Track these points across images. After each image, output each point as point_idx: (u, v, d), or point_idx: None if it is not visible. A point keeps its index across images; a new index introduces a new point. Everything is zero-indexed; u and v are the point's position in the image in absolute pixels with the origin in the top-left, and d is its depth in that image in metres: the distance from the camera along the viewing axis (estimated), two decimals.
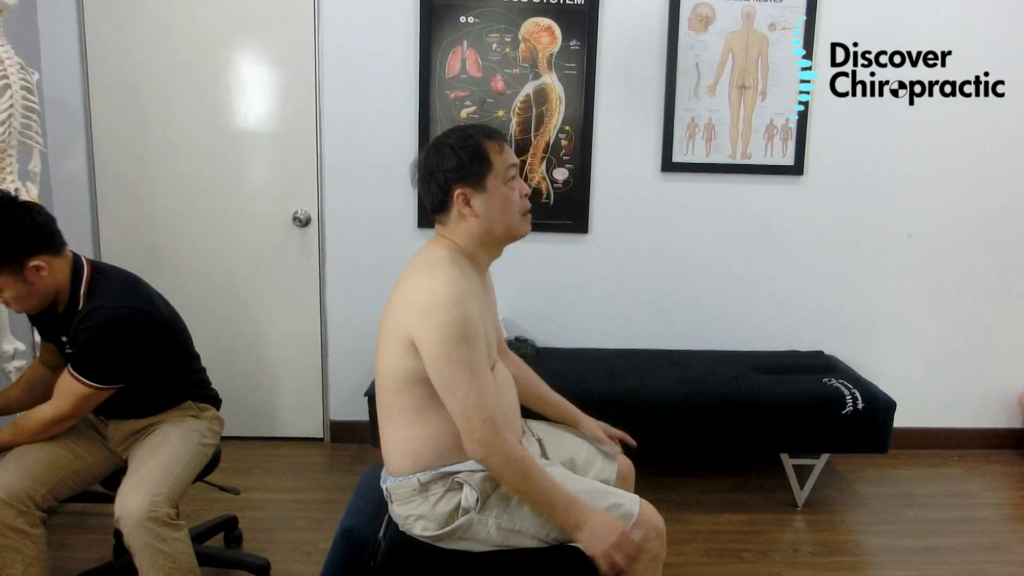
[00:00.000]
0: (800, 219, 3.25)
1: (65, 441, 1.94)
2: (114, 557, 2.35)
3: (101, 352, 1.83)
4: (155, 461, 1.89)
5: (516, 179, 1.63)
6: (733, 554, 2.53)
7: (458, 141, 1.59)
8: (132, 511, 1.76)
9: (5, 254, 1.75)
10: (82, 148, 3.13)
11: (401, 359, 1.53)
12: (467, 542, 1.58)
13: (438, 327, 1.46)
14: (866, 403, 2.72)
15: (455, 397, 1.49)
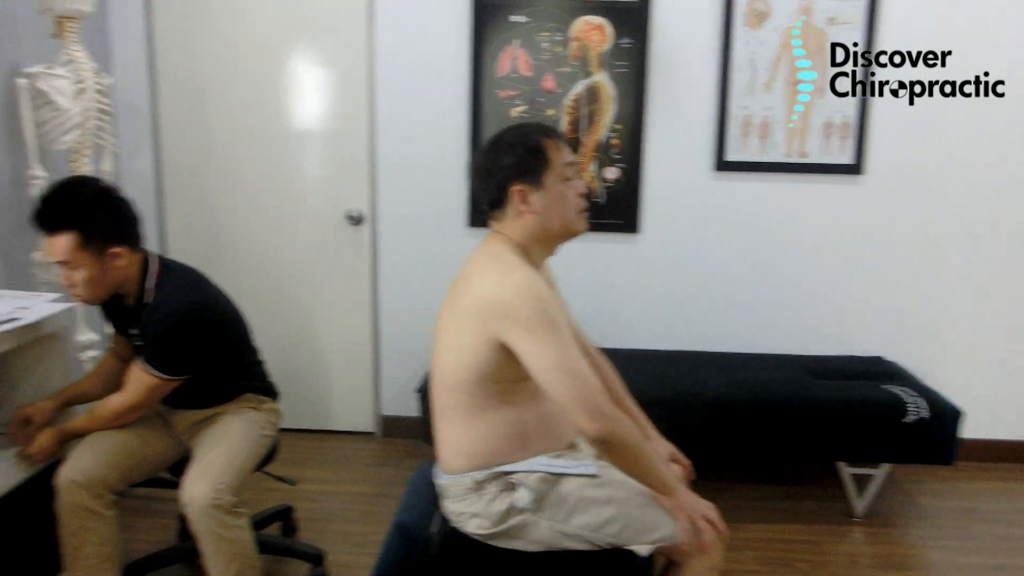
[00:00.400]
0: (859, 219, 3.16)
1: (135, 429, 2.02)
2: (179, 541, 2.42)
3: (168, 345, 1.90)
4: (218, 451, 1.95)
5: (573, 177, 1.63)
6: (787, 564, 2.48)
7: (516, 138, 1.60)
8: (197, 499, 1.82)
9: (97, 232, 1.84)
10: (149, 148, 3.25)
11: (468, 358, 1.53)
12: (520, 541, 1.58)
13: (528, 319, 1.47)
14: (930, 412, 2.63)
15: (567, 380, 1.47)
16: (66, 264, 1.84)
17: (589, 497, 1.58)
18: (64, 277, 1.86)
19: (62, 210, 1.81)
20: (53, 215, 1.81)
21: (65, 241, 1.81)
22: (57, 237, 1.81)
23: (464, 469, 1.60)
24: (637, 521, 1.56)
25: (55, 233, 1.81)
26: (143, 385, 1.92)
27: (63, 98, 2.44)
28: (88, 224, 1.83)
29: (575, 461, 1.64)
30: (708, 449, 2.71)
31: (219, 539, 1.85)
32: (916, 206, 3.14)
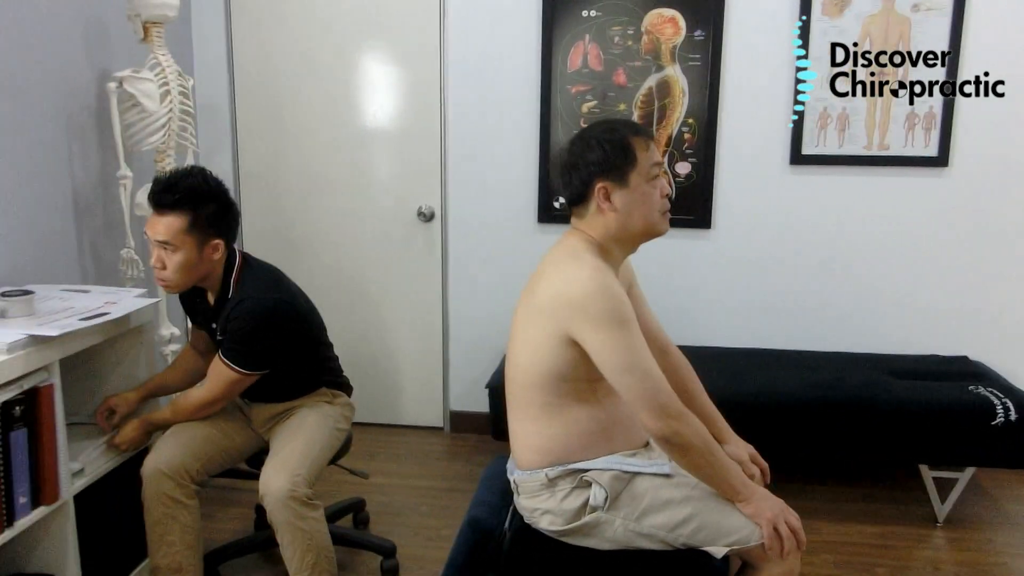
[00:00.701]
0: (944, 214, 3.03)
1: (216, 422, 2.09)
2: (256, 530, 2.50)
3: (248, 340, 1.96)
4: (295, 444, 2.00)
5: (659, 178, 1.61)
6: (866, 568, 2.40)
7: (604, 134, 1.58)
8: (275, 490, 1.88)
9: (206, 220, 1.93)
10: (228, 148, 3.35)
11: (543, 355, 1.54)
12: (592, 539, 1.57)
13: (598, 316, 1.47)
14: (1019, 413, 2.50)
15: (634, 378, 1.47)
16: (166, 245, 1.91)
17: (664, 497, 1.56)
18: (157, 258, 1.93)
19: (180, 192, 1.90)
20: (171, 194, 1.90)
21: (175, 221, 1.89)
22: (168, 216, 1.90)
23: (538, 465, 1.60)
24: (713, 523, 1.54)
25: (167, 212, 1.90)
26: (224, 379, 1.99)
27: (149, 100, 2.54)
28: (201, 210, 1.92)
29: (649, 460, 1.62)
30: (786, 449, 2.65)
31: (295, 529, 1.90)
32: (1003, 199, 2.99)
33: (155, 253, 1.94)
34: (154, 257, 1.94)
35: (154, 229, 1.91)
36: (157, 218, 1.91)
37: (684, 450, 1.50)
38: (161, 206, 1.90)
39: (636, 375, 1.48)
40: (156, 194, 1.91)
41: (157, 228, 1.91)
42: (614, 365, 1.48)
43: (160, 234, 1.90)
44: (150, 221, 1.93)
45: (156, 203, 1.91)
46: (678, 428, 1.48)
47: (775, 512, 1.52)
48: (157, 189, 1.92)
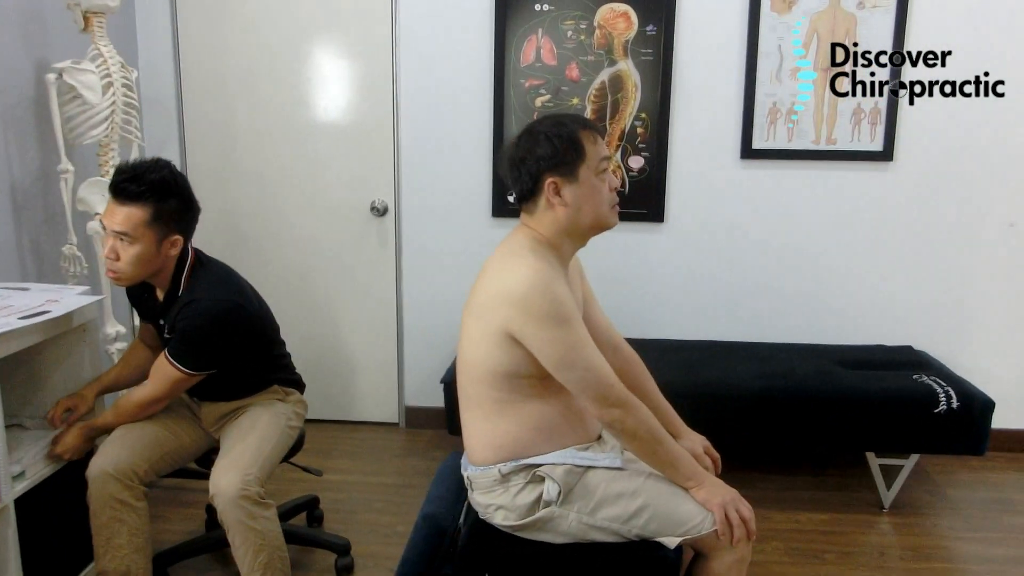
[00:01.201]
0: (889, 207, 3.11)
1: (164, 421, 2.04)
2: (206, 531, 2.45)
3: (196, 341, 1.91)
4: (246, 442, 1.96)
5: (607, 171, 1.61)
6: (815, 555, 2.46)
7: (552, 128, 1.57)
8: (225, 489, 1.84)
9: (168, 215, 1.88)
10: (175, 142, 3.27)
11: (491, 352, 1.54)
12: (547, 533, 1.58)
13: (537, 315, 1.47)
14: (961, 402, 2.58)
15: (576, 373, 1.50)
16: (124, 236, 1.85)
17: (616, 489, 1.57)
18: (111, 249, 1.87)
19: (146, 184, 1.84)
20: (136, 185, 1.84)
21: (136, 213, 1.84)
22: (129, 207, 1.84)
23: (491, 461, 1.61)
24: (665, 513, 1.56)
25: (129, 203, 1.84)
26: (168, 378, 1.94)
27: (91, 92, 2.46)
28: (164, 204, 1.87)
29: (602, 454, 1.63)
30: (736, 440, 2.69)
31: (247, 529, 1.87)
32: (947, 193, 3.08)
33: (110, 243, 1.88)
34: (108, 247, 1.88)
35: (112, 218, 1.85)
36: (118, 207, 1.85)
37: (631, 436, 1.53)
38: (124, 196, 1.84)
39: (578, 370, 1.50)
40: (120, 183, 1.84)
41: (116, 218, 1.84)
42: (556, 362, 1.49)
43: (119, 224, 1.84)
44: (109, 209, 1.87)
45: (119, 192, 1.85)
46: (621, 415, 1.51)
47: (726, 499, 1.55)
48: (121, 178, 1.85)
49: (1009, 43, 2.94)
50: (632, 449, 1.58)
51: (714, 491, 1.56)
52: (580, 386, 1.51)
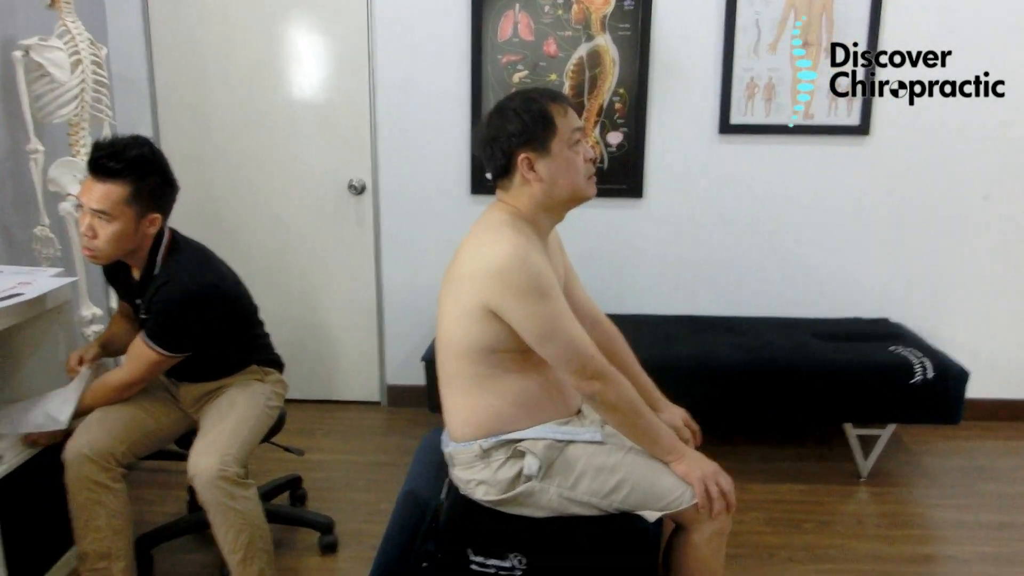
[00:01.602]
0: (866, 181, 3.13)
1: (142, 403, 2.03)
2: (188, 512, 2.45)
3: (172, 323, 1.90)
4: (224, 423, 1.95)
5: (581, 143, 1.61)
6: (794, 524, 2.50)
7: (522, 105, 1.57)
8: (204, 471, 1.83)
9: (147, 193, 1.86)
10: (148, 121, 3.22)
11: (469, 328, 1.53)
12: (528, 508, 1.59)
13: (517, 288, 1.47)
14: (936, 372, 2.62)
15: (556, 345, 1.50)
16: (102, 215, 1.83)
17: (597, 464, 1.58)
18: (89, 227, 1.85)
19: (126, 161, 1.82)
20: (116, 162, 1.82)
21: (115, 190, 1.82)
22: (108, 184, 1.82)
23: (471, 437, 1.61)
24: (646, 487, 1.57)
25: (108, 180, 1.82)
26: (144, 360, 1.92)
27: (59, 70, 2.41)
28: (144, 182, 1.85)
29: (582, 428, 1.64)
30: (716, 413, 2.72)
31: (227, 510, 1.86)
32: (923, 166, 3.11)
33: (87, 221, 1.85)
34: (85, 225, 1.85)
35: (90, 196, 1.82)
36: (96, 184, 1.82)
37: (611, 408, 1.55)
38: (102, 173, 1.82)
39: (559, 343, 1.50)
40: (98, 160, 1.82)
41: (94, 195, 1.82)
42: (536, 335, 1.50)
43: (96, 202, 1.82)
44: (87, 186, 1.84)
45: (97, 169, 1.82)
46: (601, 388, 1.52)
47: (706, 472, 1.56)
48: (100, 155, 1.82)
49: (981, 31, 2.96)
50: (612, 422, 1.59)
51: (694, 465, 1.58)
52: (561, 359, 1.52)
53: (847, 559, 2.31)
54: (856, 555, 2.33)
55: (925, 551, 2.37)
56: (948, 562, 2.32)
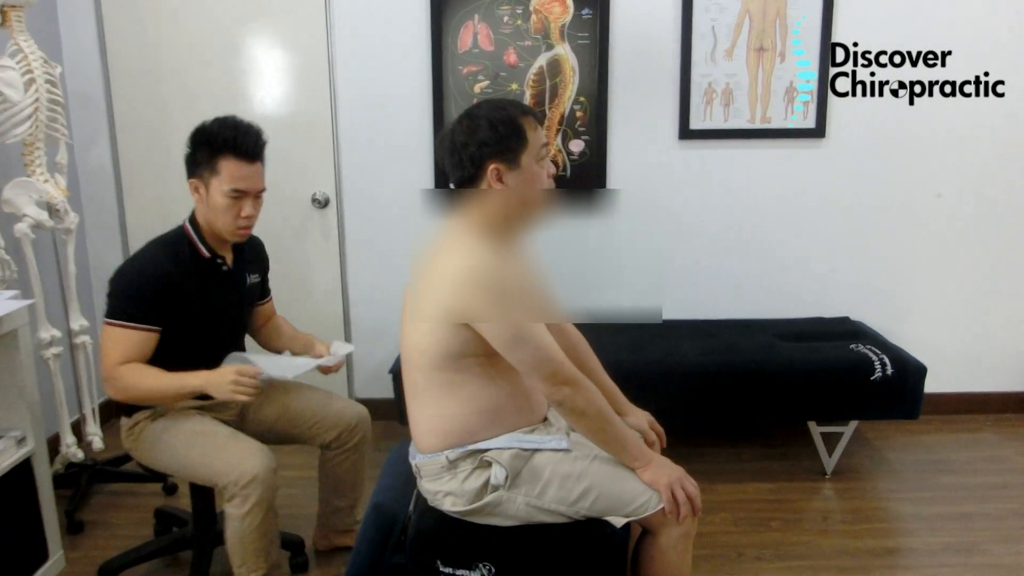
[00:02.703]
0: (823, 183, 3.20)
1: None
2: (155, 536, 2.41)
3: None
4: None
5: (546, 159, 1.62)
6: (762, 523, 2.53)
7: (492, 113, 1.56)
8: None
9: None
10: (105, 138, 3.18)
11: (435, 336, 1.54)
12: (496, 518, 1.60)
13: (484, 295, 1.48)
14: (895, 369, 2.68)
15: (524, 351, 1.51)
16: (261, 194, 1.95)
17: (563, 471, 1.59)
18: (246, 210, 1.93)
19: (261, 138, 1.93)
20: (260, 141, 1.91)
21: (261, 167, 1.94)
22: (258, 163, 1.92)
23: (437, 448, 1.61)
24: (613, 494, 1.58)
25: (258, 160, 1.91)
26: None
27: (12, 90, 2.37)
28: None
29: (548, 436, 1.65)
30: (683, 415, 2.75)
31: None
32: (876, 168, 3.18)
33: (248, 205, 1.92)
34: (246, 210, 1.92)
35: (254, 180, 1.92)
36: (250, 167, 1.90)
37: (580, 415, 1.56)
38: (253, 155, 1.89)
39: (528, 348, 1.50)
40: (246, 143, 1.88)
41: (256, 177, 1.92)
42: (504, 340, 1.50)
43: (261, 181, 1.93)
44: (245, 173, 1.90)
45: (248, 152, 1.89)
46: (570, 393, 1.53)
47: (672, 478, 1.58)
48: (249, 138, 1.89)
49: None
50: (580, 428, 1.60)
51: (660, 471, 1.59)
52: (529, 365, 1.52)
53: (814, 555, 2.35)
54: (822, 551, 2.37)
55: (888, 544, 2.42)
56: (910, 554, 2.37)
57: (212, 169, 1.90)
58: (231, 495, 1.86)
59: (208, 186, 1.91)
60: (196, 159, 1.93)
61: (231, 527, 1.89)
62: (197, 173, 1.93)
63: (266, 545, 1.93)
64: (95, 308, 3.29)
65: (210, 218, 1.94)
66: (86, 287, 3.23)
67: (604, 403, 1.59)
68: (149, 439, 1.98)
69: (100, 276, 3.29)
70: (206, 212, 1.95)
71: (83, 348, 2.71)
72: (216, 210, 1.92)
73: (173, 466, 1.97)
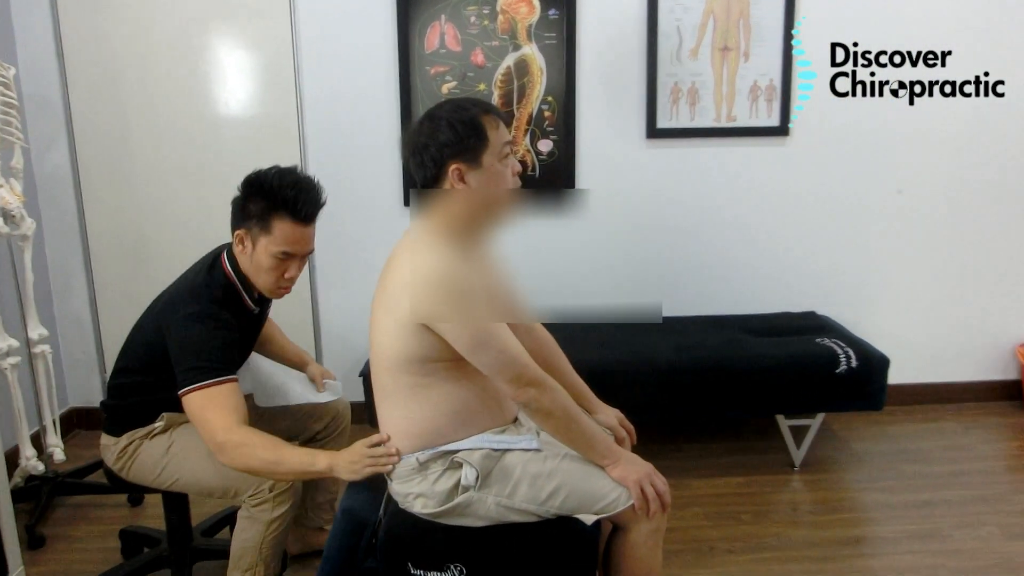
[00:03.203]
0: (788, 180, 3.24)
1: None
2: (124, 558, 2.37)
3: None
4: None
5: (510, 156, 1.61)
6: (732, 516, 2.56)
7: (454, 114, 1.55)
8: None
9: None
10: (63, 142, 3.11)
11: (401, 340, 1.53)
12: (467, 518, 1.59)
13: (445, 298, 1.47)
14: (859, 361, 2.73)
15: (488, 354, 1.50)
16: (309, 255, 1.88)
17: (533, 471, 1.59)
18: (291, 272, 1.87)
19: (321, 198, 1.84)
20: (321, 202, 1.83)
21: (313, 227, 1.85)
22: (312, 228, 1.84)
23: (408, 450, 1.61)
24: (583, 492, 1.59)
25: (313, 223, 1.83)
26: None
27: None
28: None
29: (518, 436, 1.65)
30: (653, 412, 2.77)
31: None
32: (841, 165, 3.23)
33: (292, 268, 1.87)
34: (291, 272, 1.87)
35: (307, 244, 1.84)
36: (306, 230, 1.83)
37: (546, 416, 1.56)
38: (311, 218, 1.82)
39: (491, 351, 1.50)
40: (307, 206, 1.79)
41: (309, 241, 1.85)
42: (468, 344, 1.50)
43: (311, 245, 1.86)
44: (299, 237, 1.81)
45: (308, 216, 1.80)
46: (535, 395, 1.53)
47: (641, 474, 1.59)
48: (311, 200, 1.80)
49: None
50: (547, 428, 1.60)
51: (629, 468, 1.60)
52: (494, 368, 1.52)
53: (784, 547, 2.38)
54: (792, 542, 2.40)
55: (855, 533, 2.46)
56: (877, 543, 2.41)
57: (264, 227, 1.80)
58: (260, 500, 1.82)
59: (256, 242, 1.82)
60: (247, 210, 1.82)
61: (251, 531, 1.84)
62: (246, 225, 1.83)
63: (279, 553, 1.90)
64: (55, 316, 3.23)
65: (250, 272, 1.87)
66: (45, 295, 3.17)
67: (570, 403, 1.59)
68: (150, 458, 1.90)
69: (59, 283, 3.23)
70: (247, 265, 1.87)
71: (43, 358, 2.65)
72: (259, 268, 1.84)
73: (183, 482, 1.89)
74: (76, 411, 3.32)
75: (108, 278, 3.22)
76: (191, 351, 1.74)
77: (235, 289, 1.89)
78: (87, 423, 3.30)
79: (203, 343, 1.75)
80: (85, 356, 3.30)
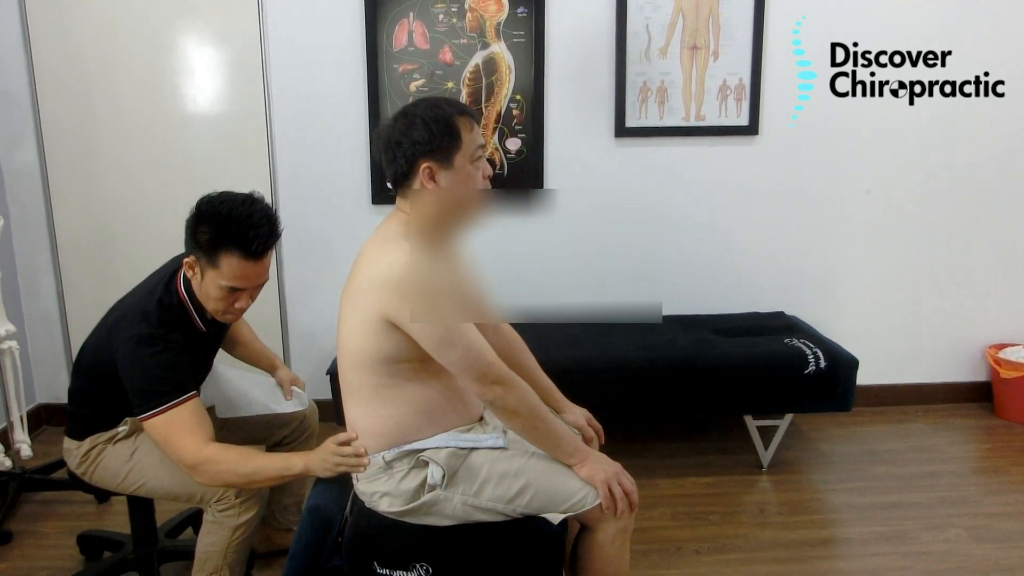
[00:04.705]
0: (757, 179, 3.26)
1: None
2: (86, 560, 2.32)
3: None
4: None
5: (482, 159, 1.60)
6: (700, 517, 2.56)
7: (428, 112, 1.54)
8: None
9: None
10: (31, 139, 3.06)
11: (368, 338, 1.51)
12: (432, 517, 1.58)
13: (412, 297, 1.45)
14: (828, 362, 2.74)
15: (455, 353, 1.48)
16: (263, 285, 1.80)
17: (500, 470, 1.58)
18: (241, 303, 1.79)
19: (276, 230, 1.74)
20: (274, 235, 1.74)
21: (269, 257, 1.76)
22: (266, 260, 1.75)
23: (374, 449, 1.59)
24: (549, 491, 1.58)
25: (266, 256, 1.74)
26: None
27: None
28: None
29: (484, 435, 1.64)
30: (621, 411, 2.77)
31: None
32: (810, 165, 3.26)
33: (243, 300, 1.78)
34: (240, 304, 1.79)
35: (257, 277, 1.75)
36: (256, 265, 1.72)
37: (512, 414, 1.55)
38: (262, 253, 1.72)
39: (457, 349, 1.49)
40: (256, 242, 1.68)
41: (261, 274, 1.76)
42: (434, 342, 1.48)
43: (263, 277, 1.77)
44: (248, 273, 1.72)
45: (257, 252, 1.70)
46: (501, 393, 1.52)
47: (609, 474, 1.58)
48: (260, 235, 1.68)
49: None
50: (513, 427, 1.59)
51: (597, 467, 1.59)
52: (460, 366, 1.51)
53: (751, 548, 2.38)
54: (759, 543, 2.41)
55: (823, 535, 2.47)
56: (844, 544, 2.42)
57: (211, 260, 1.71)
58: (226, 506, 1.79)
59: (204, 273, 1.74)
60: (196, 237, 1.72)
61: (216, 535, 1.81)
62: (196, 253, 1.74)
63: (244, 559, 1.86)
64: (23, 312, 3.18)
65: (200, 297, 1.80)
66: (13, 291, 3.11)
67: (537, 401, 1.58)
68: (113, 462, 1.86)
69: (27, 280, 3.18)
70: (198, 290, 1.79)
71: (10, 354, 2.61)
72: (207, 297, 1.77)
73: (147, 487, 1.86)
74: (44, 407, 3.28)
75: (76, 274, 3.17)
76: (139, 374, 1.71)
77: (186, 310, 1.83)
78: (55, 420, 3.26)
79: (151, 367, 1.71)
80: (53, 353, 3.26)
